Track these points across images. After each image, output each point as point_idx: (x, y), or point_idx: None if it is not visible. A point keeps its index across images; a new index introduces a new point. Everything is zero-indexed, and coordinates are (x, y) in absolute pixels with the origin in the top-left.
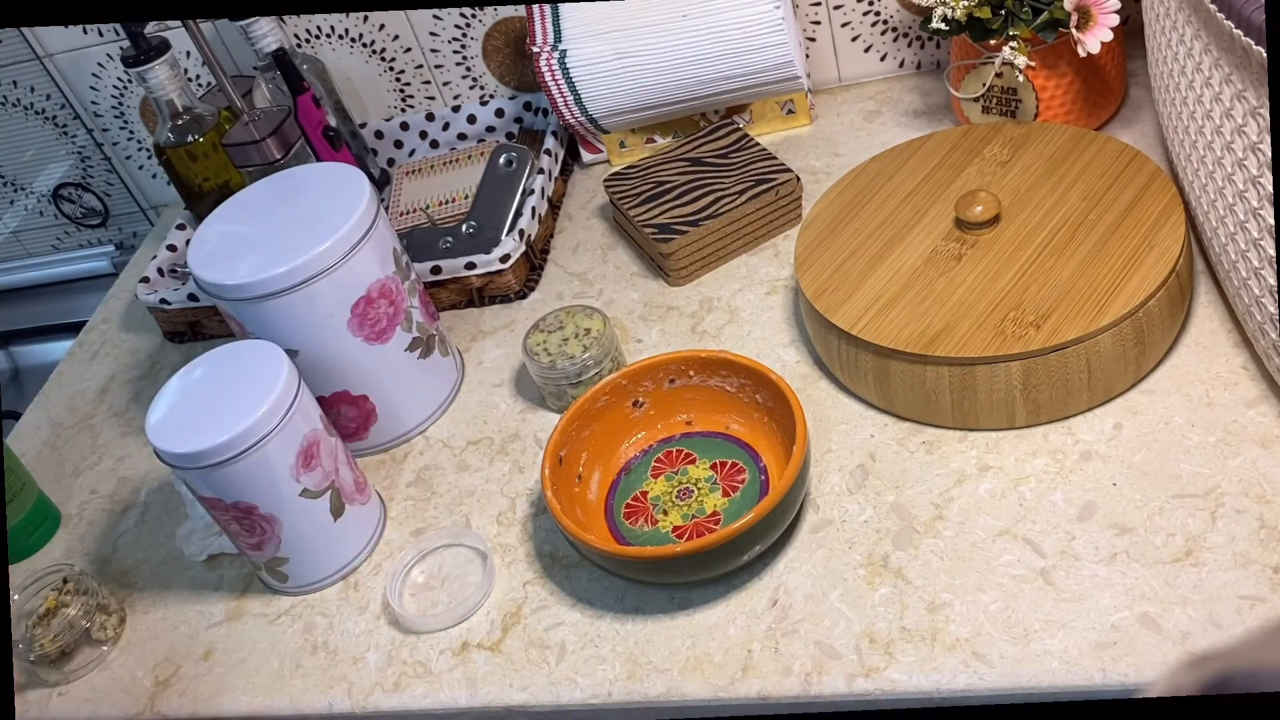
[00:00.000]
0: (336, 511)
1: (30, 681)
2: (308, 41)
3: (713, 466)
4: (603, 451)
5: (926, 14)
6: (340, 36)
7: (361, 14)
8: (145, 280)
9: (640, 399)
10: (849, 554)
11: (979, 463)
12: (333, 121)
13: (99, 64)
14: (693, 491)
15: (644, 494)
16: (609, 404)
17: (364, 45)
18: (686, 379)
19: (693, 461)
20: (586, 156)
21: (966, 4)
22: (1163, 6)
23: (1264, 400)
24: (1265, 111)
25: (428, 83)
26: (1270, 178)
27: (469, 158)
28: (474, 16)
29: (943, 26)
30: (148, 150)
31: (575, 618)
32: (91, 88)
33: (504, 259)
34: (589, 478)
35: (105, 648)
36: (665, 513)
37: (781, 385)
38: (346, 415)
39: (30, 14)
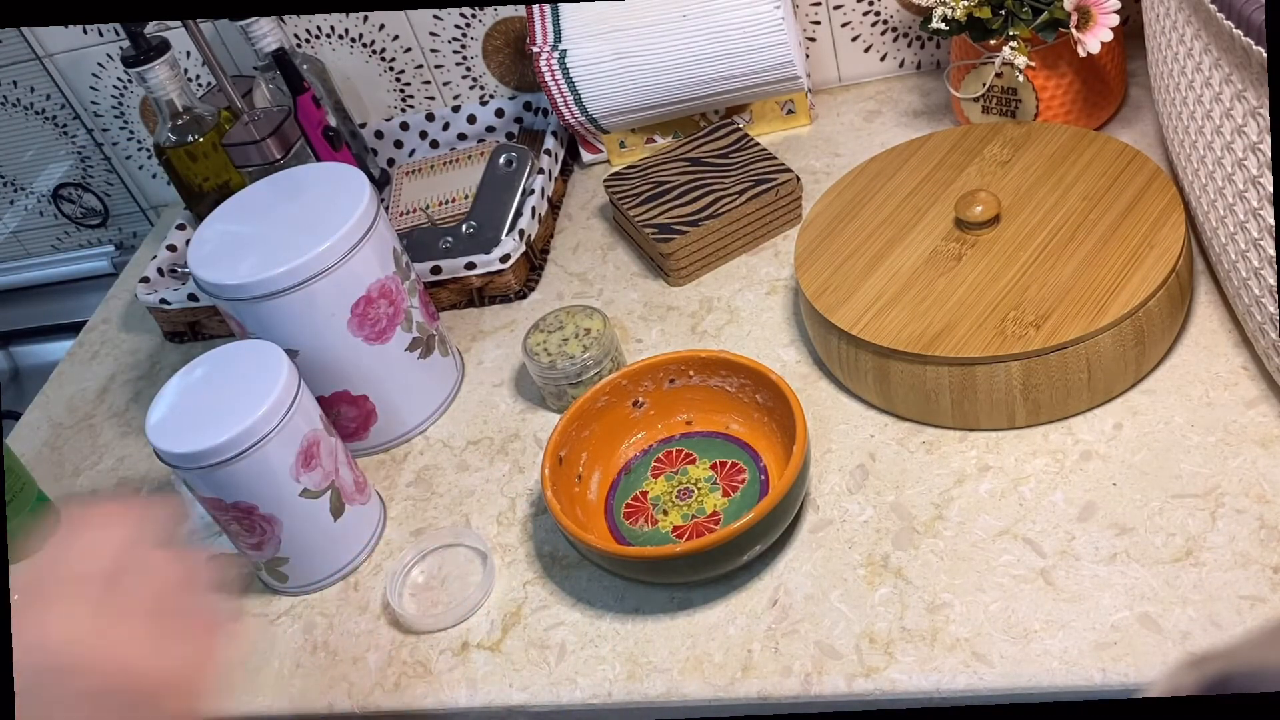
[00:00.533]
0: (336, 511)
1: None
2: (308, 41)
3: (713, 466)
4: (603, 451)
5: (926, 14)
6: (340, 36)
7: (361, 14)
8: (145, 280)
9: (640, 399)
10: (849, 554)
11: (979, 463)
12: (333, 121)
13: (99, 64)
14: (693, 491)
15: (644, 494)
16: (609, 404)
17: (364, 45)
18: (686, 379)
19: (693, 461)
20: (586, 156)
21: (966, 4)
22: (1163, 6)
23: (1264, 400)
24: (1265, 111)
25: (428, 83)
26: (1270, 178)
27: (469, 158)
28: (474, 16)
29: (943, 26)
30: (148, 150)
31: (575, 618)
32: (91, 88)
33: (504, 259)
34: (589, 478)
35: None
36: (665, 513)
37: (781, 385)
38: (346, 415)
39: (30, 14)
